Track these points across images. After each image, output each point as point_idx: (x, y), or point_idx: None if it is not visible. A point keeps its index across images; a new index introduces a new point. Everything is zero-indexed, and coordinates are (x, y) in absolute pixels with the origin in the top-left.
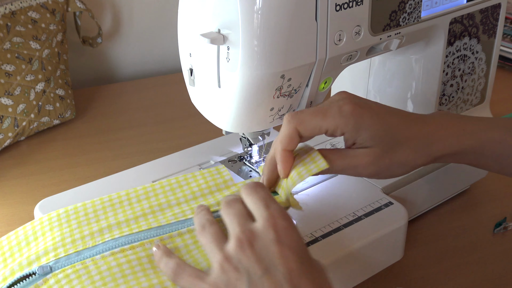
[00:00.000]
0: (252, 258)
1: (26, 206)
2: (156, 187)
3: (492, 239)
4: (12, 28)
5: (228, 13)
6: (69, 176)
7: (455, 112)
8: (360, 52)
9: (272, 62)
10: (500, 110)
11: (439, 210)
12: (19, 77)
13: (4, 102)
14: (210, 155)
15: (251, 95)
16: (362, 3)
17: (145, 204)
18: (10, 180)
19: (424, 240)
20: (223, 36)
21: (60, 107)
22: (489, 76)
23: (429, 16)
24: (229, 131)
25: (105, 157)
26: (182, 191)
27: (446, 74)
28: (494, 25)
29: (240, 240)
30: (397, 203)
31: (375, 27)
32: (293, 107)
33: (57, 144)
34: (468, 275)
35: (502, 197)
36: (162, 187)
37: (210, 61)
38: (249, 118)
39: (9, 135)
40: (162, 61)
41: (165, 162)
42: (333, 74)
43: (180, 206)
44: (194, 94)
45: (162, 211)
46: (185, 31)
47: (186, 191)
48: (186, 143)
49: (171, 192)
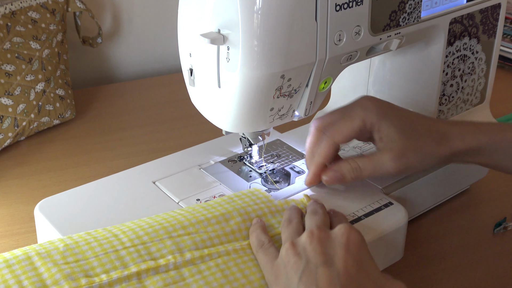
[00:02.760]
0: (317, 250)
1: (26, 206)
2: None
3: (492, 239)
4: (12, 28)
5: (228, 13)
6: (69, 176)
7: (455, 112)
8: (360, 52)
9: (272, 62)
10: (500, 110)
11: (439, 210)
12: (19, 77)
13: (4, 102)
14: (210, 155)
15: (251, 95)
16: (362, 3)
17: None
18: (10, 180)
19: (424, 240)
20: (223, 36)
21: (60, 107)
22: (489, 76)
23: (429, 16)
24: (229, 131)
25: (105, 157)
26: (228, 226)
27: (446, 74)
28: (494, 25)
29: (312, 233)
30: (397, 203)
31: (375, 27)
32: (293, 107)
33: (57, 144)
34: (468, 275)
35: (502, 197)
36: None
37: (210, 61)
38: (249, 118)
39: (9, 135)
40: (162, 61)
41: (165, 162)
42: (333, 74)
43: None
44: (194, 94)
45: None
46: (185, 31)
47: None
48: (186, 143)
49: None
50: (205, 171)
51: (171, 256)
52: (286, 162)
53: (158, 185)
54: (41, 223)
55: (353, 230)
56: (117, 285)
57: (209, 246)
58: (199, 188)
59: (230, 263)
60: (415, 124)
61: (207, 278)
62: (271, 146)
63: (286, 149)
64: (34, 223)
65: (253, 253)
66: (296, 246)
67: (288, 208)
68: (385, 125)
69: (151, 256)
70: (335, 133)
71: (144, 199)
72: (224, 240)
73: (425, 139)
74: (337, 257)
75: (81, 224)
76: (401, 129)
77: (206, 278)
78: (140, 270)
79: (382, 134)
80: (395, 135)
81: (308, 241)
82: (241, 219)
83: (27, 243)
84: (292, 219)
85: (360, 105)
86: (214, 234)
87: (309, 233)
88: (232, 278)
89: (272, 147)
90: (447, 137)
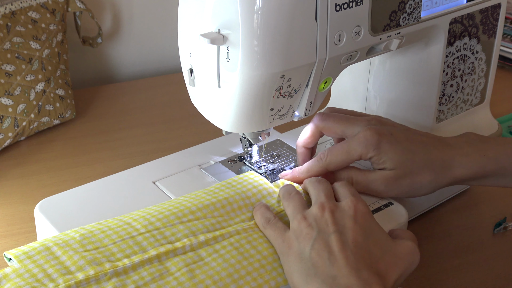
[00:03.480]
0: (329, 220)
1: (26, 206)
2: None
3: (492, 239)
4: (12, 28)
5: (228, 13)
6: (69, 176)
7: (455, 112)
8: (360, 52)
9: (272, 62)
10: (500, 110)
11: (439, 210)
12: (19, 77)
13: (4, 102)
14: (210, 155)
15: (251, 95)
16: (362, 3)
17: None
18: (10, 180)
19: (424, 240)
20: (223, 36)
21: (60, 107)
22: (489, 76)
23: (429, 16)
24: (229, 131)
25: (105, 157)
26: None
27: (446, 74)
28: (494, 25)
29: (323, 205)
30: (397, 203)
31: (375, 27)
32: (293, 107)
33: (57, 144)
34: (468, 275)
35: (502, 197)
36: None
37: (210, 61)
38: (249, 118)
39: (9, 135)
40: (162, 61)
41: (165, 162)
42: (333, 74)
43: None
44: (194, 94)
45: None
46: (185, 31)
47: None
48: (186, 143)
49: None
50: (205, 171)
51: (186, 239)
52: (286, 162)
53: (158, 185)
54: (41, 223)
55: (360, 202)
56: (140, 267)
57: (219, 229)
58: (199, 188)
59: (242, 241)
60: (413, 157)
61: (224, 256)
62: (271, 146)
63: (286, 149)
64: (34, 223)
65: (261, 231)
66: (308, 218)
67: (281, 186)
68: (383, 157)
69: (167, 240)
70: (330, 159)
71: (144, 199)
72: (232, 222)
73: (424, 171)
74: (346, 227)
75: (81, 224)
76: (397, 162)
77: (223, 256)
78: (159, 253)
79: (379, 161)
80: (391, 166)
81: (319, 214)
82: (243, 203)
83: (27, 243)
84: (290, 191)
85: (360, 141)
86: (222, 219)
87: (320, 205)
88: (247, 254)
89: (272, 147)
90: (449, 166)
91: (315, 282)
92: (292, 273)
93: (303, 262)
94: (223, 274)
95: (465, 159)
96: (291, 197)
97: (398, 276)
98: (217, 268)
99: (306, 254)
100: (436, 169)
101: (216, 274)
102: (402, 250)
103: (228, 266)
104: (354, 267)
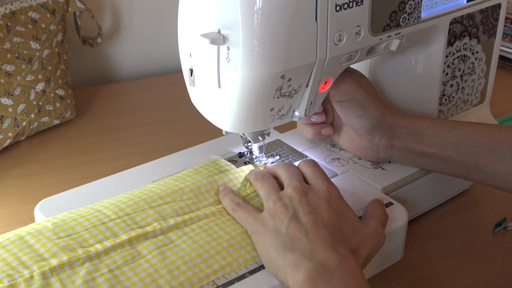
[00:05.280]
0: (303, 201)
1: (26, 206)
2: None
3: (492, 239)
4: (12, 28)
5: (228, 13)
6: (69, 176)
7: (455, 112)
8: (360, 52)
9: (272, 62)
10: (500, 110)
11: (439, 210)
12: (19, 77)
13: (4, 102)
14: (210, 155)
15: (251, 95)
16: (362, 3)
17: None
18: (10, 180)
19: (424, 240)
20: (223, 36)
21: (60, 107)
22: (489, 76)
23: (429, 16)
24: (229, 131)
25: (105, 157)
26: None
27: (446, 74)
28: (494, 25)
29: (298, 187)
30: (397, 203)
31: (375, 27)
32: (293, 108)
33: (57, 144)
34: (468, 275)
35: (502, 197)
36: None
37: (210, 61)
38: (249, 118)
39: (9, 135)
40: (162, 61)
41: (165, 162)
42: (333, 74)
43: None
44: (194, 94)
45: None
46: (185, 31)
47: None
48: (186, 143)
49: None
50: None
51: (156, 223)
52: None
53: None
54: None
55: (331, 185)
56: (112, 252)
57: (188, 212)
58: None
59: (211, 223)
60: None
61: (193, 238)
62: (271, 146)
63: (286, 149)
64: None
65: (228, 214)
66: (283, 198)
67: (251, 170)
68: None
69: (137, 225)
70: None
71: None
72: (200, 206)
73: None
74: (321, 208)
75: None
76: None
77: (192, 238)
78: (131, 238)
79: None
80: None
81: (294, 195)
82: (211, 186)
83: None
84: (263, 174)
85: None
86: (190, 202)
87: (294, 187)
88: (216, 236)
89: (272, 147)
90: (394, 111)
91: (293, 254)
92: (268, 248)
93: (279, 237)
94: (193, 255)
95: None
96: (264, 179)
97: (367, 255)
98: (187, 250)
99: (283, 231)
100: (387, 107)
101: (187, 255)
102: (370, 231)
103: (198, 247)
104: (330, 244)
